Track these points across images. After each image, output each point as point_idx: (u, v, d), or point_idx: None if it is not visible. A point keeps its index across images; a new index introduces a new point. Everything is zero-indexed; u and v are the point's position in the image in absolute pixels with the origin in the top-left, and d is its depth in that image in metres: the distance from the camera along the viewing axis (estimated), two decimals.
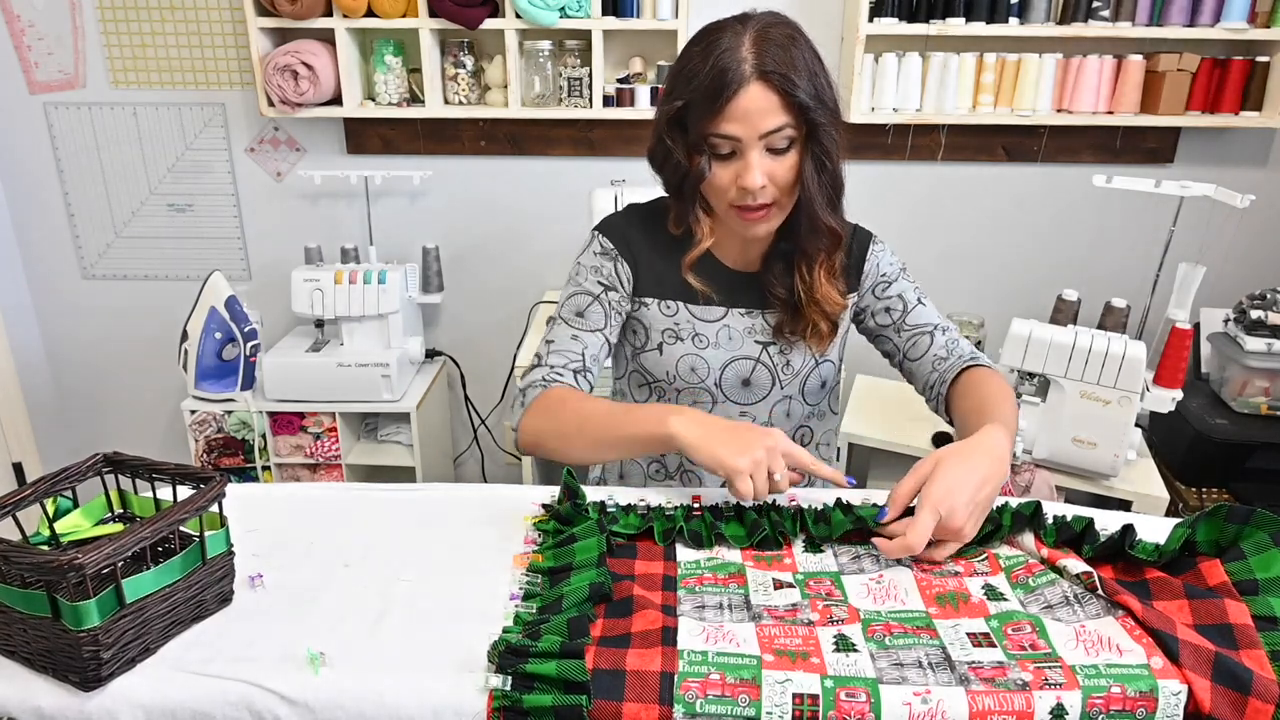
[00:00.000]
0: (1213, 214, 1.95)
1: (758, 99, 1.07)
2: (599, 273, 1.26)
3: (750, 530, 1.00)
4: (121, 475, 0.94)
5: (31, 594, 0.76)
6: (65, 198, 2.54)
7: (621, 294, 1.27)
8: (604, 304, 1.25)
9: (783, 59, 1.07)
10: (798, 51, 1.08)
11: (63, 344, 2.72)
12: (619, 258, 1.26)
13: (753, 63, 1.06)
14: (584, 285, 1.26)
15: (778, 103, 1.07)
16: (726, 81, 1.06)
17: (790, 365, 1.28)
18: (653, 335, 1.28)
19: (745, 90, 1.07)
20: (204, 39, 2.37)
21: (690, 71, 1.11)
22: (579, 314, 1.25)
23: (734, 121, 1.08)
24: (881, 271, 1.31)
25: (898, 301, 1.31)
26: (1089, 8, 2.14)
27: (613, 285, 1.26)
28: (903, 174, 2.45)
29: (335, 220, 2.55)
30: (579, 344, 1.24)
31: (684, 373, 1.27)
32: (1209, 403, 2.13)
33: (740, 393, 1.29)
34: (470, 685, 0.76)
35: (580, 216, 2.29)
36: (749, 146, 1.10)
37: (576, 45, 2.29)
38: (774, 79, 1.06)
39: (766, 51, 1.07)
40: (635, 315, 1.29)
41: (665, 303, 1.27)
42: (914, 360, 1.30)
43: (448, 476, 2.76)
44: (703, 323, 1.27)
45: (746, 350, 1.27)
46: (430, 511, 1.06)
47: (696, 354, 1.27)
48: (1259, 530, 0.89)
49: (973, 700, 0.74)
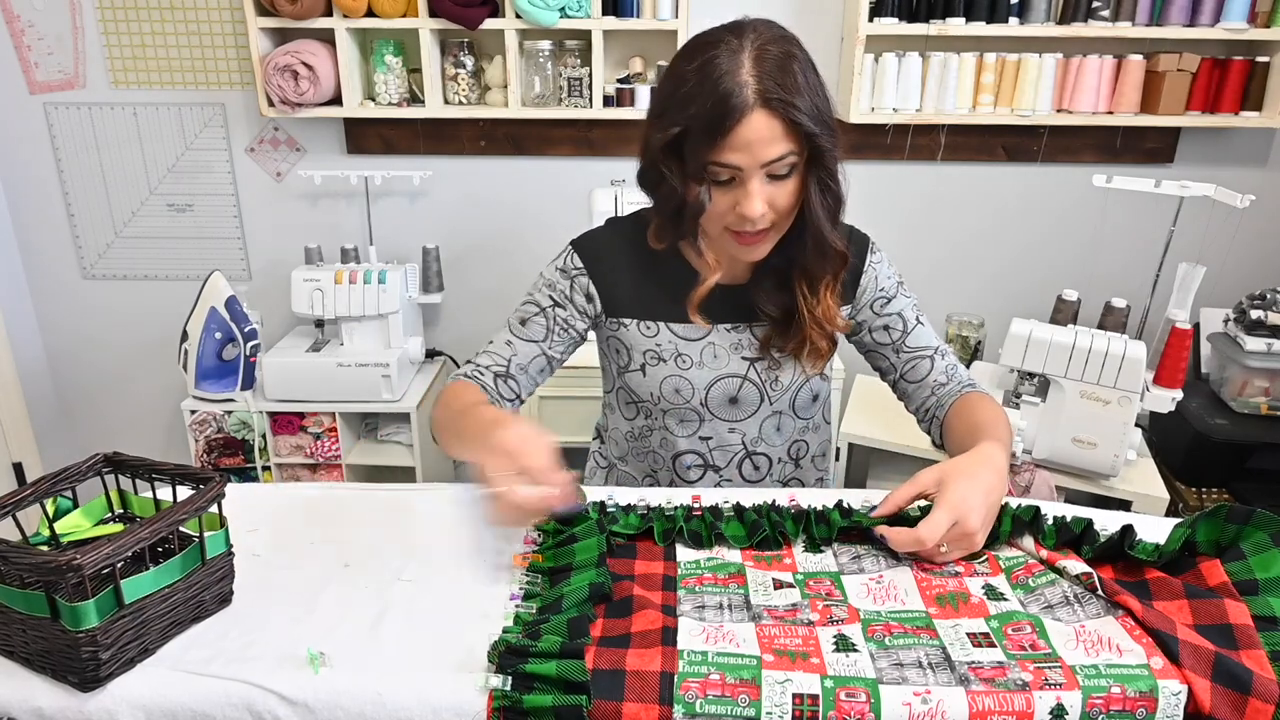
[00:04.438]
0: (1213, 214, 1.95)
1: (760, 128, 1.01)
2: (553, 288, 1.25)
3: (750, 530, 1.00)
4: (121, 475, 0.94)
5: (31, 594, 0.76)
6: (65, 198, 2.54)
7: (572, 312, 1.24)
8: (549, 318, 1.24)
9: (786, 82, 1.01)
10: (797, 69, 1.03)
11: (63, 344, 2.72)
12: (579, 277, 1.24)
13: (755, 88, 1.00)
14: (535, 297, 1.26)
15: (781, 130, 1.02)
16: (728, 110, 1.00)
17: (779, 381, 1.25)
18: (634, 356, 1.25)
19: (748, 120, 1.01)
20: (204, 39, 2.37)
21: (686, 96, 1.04)
22: (522, 322, 1.25)
23: (736, 151, 1.02)
24: (880, 286, 1.26)
25: (897, 320, 1.27)
26: (1089, 8, 2.14)
27: (563, 303, 1.24)
28: (903, 174, 2.45)
29: (335, 220, 2.55)
30: (510, 350, 1.23)
31: (668, 394, 1.25)
32: (1209, 403, 2.14)
33: (728, 410, 1.26)
34: (470, 685, 0.76)
35: (580, 216, 2.29)
36: (750, 175, 1.04)
37: (576, 45, 2.29)
38: (777, 106, 1.01)
39: (768, 74, 1.01)
40: (615, 335, 1.26)
41: (644, 323, 1.24)
42: (912, 383, 1.28)
43: (448, 476, 2.76)
44: (686, 342, 1.24)
45: (733, 368, 1.24)
46: (430, 511, 1.06)
47: (680, 375, 1.24)
48: (1259, 530, 0.89)
49: (973, 700, 0.74)
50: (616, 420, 1.36)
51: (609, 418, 1.39)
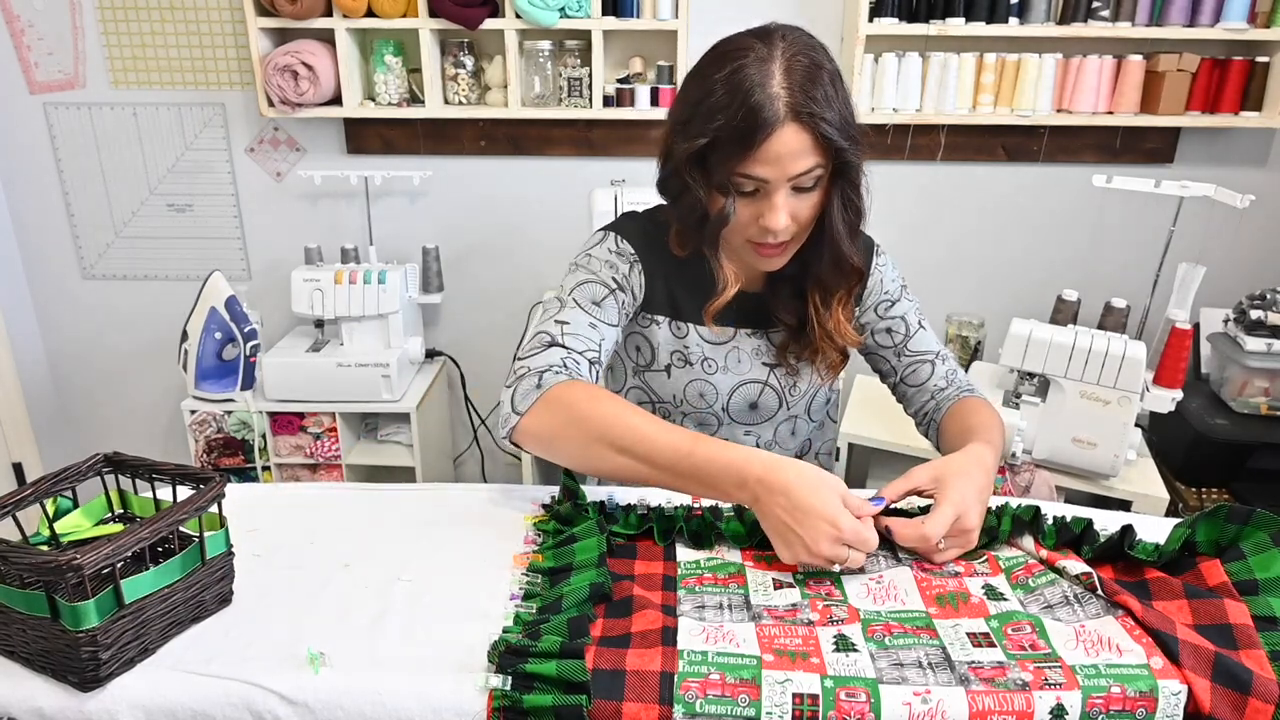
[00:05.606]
0: (1213, 214, 1.95)
1: (790, 142, 0.99)
2: (614, 269, 1.16)
3: (750, 530, 0.99)
4: (121, 475, 0.93)
5: (31, 594, 0.76)
6: (65, 198, 2.54)
7: (630, 299, 1.17)
8: (617, 301, 1.16)
9: (816, 95, 0.99)
10: (827, 80, 1.01)
11: (63, 344, 2.72)
12: (636, 263, 1.18)
13: (786, 100, 0.98)
14: (600, 275, 1.15)
15: (810, 144, 1.00)
16: (759, 124, 0.98)
17: (798, 387, 1.25)
18: (660, 356, 1.23)
19: (779, 134, 0.99)
20: (204, 39, 2.37)
21: (714, 106, 1.01)
22: (595, 303, 1.13)
23: (765, 164, 1.01)
24: (885, 289, 1.27)
25: (900, 324, 1.27)
26: (1089, 8, 2.14)
27: (624, 287, 1.17)
28: (903, 174, 2.45)
29: (335, 220, 2.55)
30: (597, 334, 1.12)
31: (692, 398, 1.23)
32: (1209, 403, 2.13)
33: (747, 415, 1.26)
34: (470, 685, 0.76)
35: (580, 216, 2.29)
36: (776, 188, 1.03)
37: (576, 45, 2.29)
38: (807, 120, 0.99)
39: (798, 87, 0.99)
40: (643, 332, 1.23)
41: (676, 324, 1.21)
42: (912, 386, 1.29)
43: (448, 476, 2.76)
44: (712, 346, 1.22)
45: (755, 374, 1.24)
46: (430, 511, 1.06)
47: (705, 379, 1.23)
48: (1259, 530, 0.89)
49: (973, 700, 0.74)
50: None
51: None
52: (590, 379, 1.08)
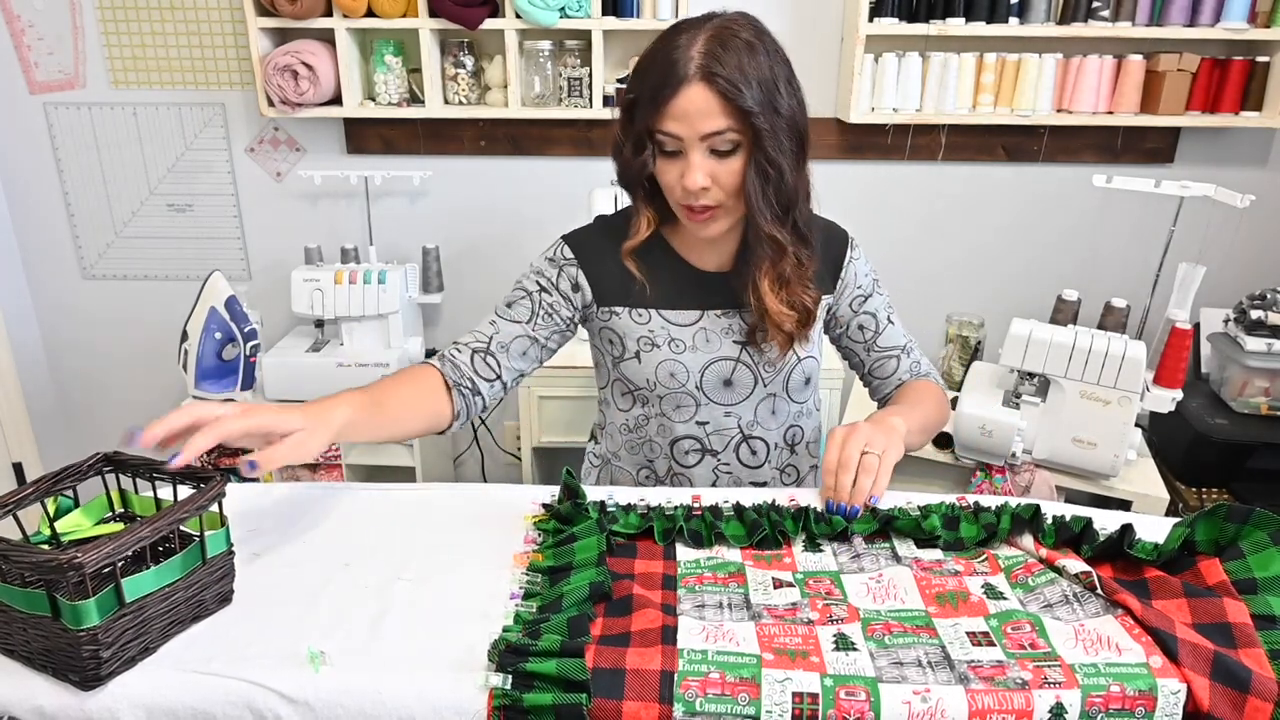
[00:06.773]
0: (1213, 214, 1.95)
1: (697, 100, 1.07)
2: (541, 275, 1.29)
3: (750, 529, 1.00)
4: (122, 475, 0.94)
5: (31, 593, 0.76)
6: (65, 198, 2.54)
7: (558, 299, 1.27)
8: (534, 301, 1.27)
9: (729, 60, 1.06)
10: (747, 51, 1.08)
11: (63, 344, 2.72)
12: (567, 266, 1.28)
13: (698, 63, 1.07)
14: (523, 284, 1.29)
15: (718, 106, 1.07)
16: (668, 80, 1.07)
17: (771, 363, 1.29)
18: (629, 344, 1.29)
19: (686, 90, 1.07)
20: (204, 39, 2.37)
21: (643, 66, 1.13)
22: (508, 305, 1.28)
23: (674, 120, 1.09)
24: (859, 283, 1.33)
25: (870, 320, 1.34)
26: (1089, 8, 2.15)
27: (549, 289, 1.28)
28: (902, 174, 2.45)
29: (335, 220, 2.55)
30: (492, 329, 1.26)
31: (664, 379, 1.28)
32: (1209, 403, 2.14)
33: (722, 393, 1.30)
34: (470, 684, 0.76)
35: (580, 217, 2.28)
36: (691, 147, 1.10)
37: (576, 45, 2.29)
38: (717, 81, 1.06)
39: (716, 53, 1.06)
40: (607, 325, 1.30)
41: (636, 311, 1.28)
42: (878, 379, 1.37)
43: (448, 476, 2.76)
44: (678, 327, 1.28)
45: (725, 351, 1.28)
46: (430, 511, 1.06)
47: (674, 359, 1.27)
48: (1258, 529, 0.89)
49: (972, 699, 0.74)
50: (613, 414, 1.37)
51: (605, 413, 1.40)
52: (470, 365, 1.23)
